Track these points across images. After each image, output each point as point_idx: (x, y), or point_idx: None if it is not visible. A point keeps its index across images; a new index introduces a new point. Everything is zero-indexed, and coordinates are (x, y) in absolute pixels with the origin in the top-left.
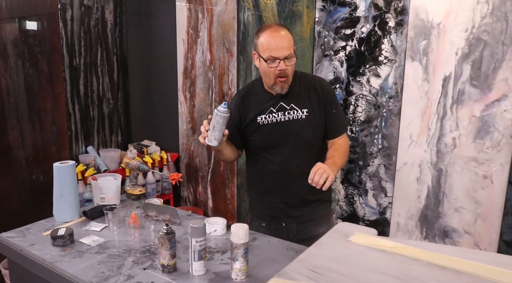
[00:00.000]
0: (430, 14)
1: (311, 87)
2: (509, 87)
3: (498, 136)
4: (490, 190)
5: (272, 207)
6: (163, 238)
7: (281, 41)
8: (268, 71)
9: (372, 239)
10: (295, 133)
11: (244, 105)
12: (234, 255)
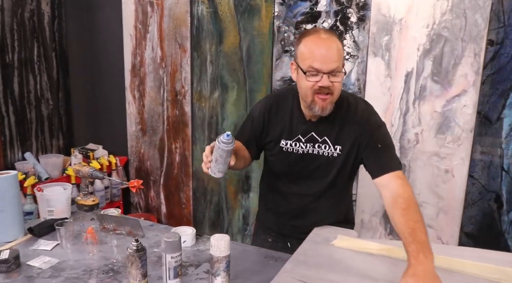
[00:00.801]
0: (392, 9)
1: (353, 118)
2: (468, 82)
3: (458, 130)
4: (451, 184)
5: (280, 226)
6: (133, 256)
7: (328, 51)
8: (306, 86)
9: (355, 242)
10: (321, 171)
11: (270, 117)
12: (215, 270)
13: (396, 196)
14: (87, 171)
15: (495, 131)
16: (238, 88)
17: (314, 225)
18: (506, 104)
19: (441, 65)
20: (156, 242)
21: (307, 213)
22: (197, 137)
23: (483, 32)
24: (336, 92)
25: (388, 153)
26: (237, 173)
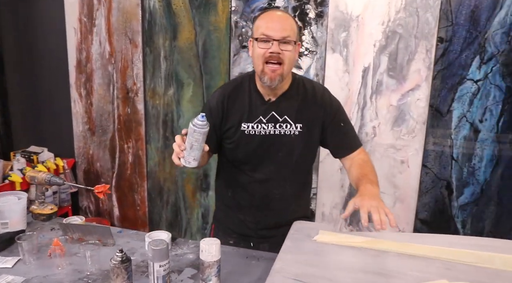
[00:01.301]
0: (349, 6)
1: (312, 98)
2: (421, 77)
3: (413, 123)
4: (406, 174)
5: (241, 225)
6: (118, 268)
7: (277, 20)
8: (258, 54)
9: (337, 237)
10: (284, 151)
11: (229, 104)
12: (207, 276)
13: (357, 159)
14: (44, 177)
15: (446, 123)
16: (194, 85)
17: (277, 217)
18: (455, 97)
19: (396, 60)
20: (129, 249)
21: (271, 203)
22: (151, 135)
23: (434, 30)
24: (287, 62)
25: (351, 131)
26: (195, 172)
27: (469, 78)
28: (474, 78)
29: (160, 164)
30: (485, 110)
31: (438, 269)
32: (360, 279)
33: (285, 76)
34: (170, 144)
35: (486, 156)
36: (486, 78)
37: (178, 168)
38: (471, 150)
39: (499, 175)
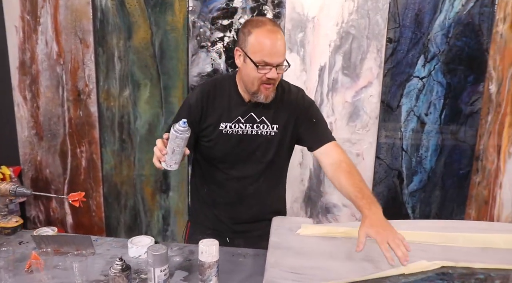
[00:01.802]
0: (306, 8)
1: (287, 99)
2: (373, 75)
3: (366, 118)
4: (362, 165)
5: (217, 222)
6: (120, 276)
7: (278, 46)
8: (254, 77)
9: (319, 229)
10: (260, 150)
11: (208, 103)
12: (207, 276)
13: (339, 161)
14: (9, 189)
15: (396, 117)
16: (152, 85)
17: (252, 213)
18: (404, 93)
19: (350, 60)
20: (112, 257)
21: (246, 200)
22: (106, 139)
23: (383, 31)
24: (278, 81)
25: (324, 126)
26: (154, 173)
27: (415, 75)
28: (420, 75)
29: (116, 168)
30: (430, 104)
31: (415, 251)
32: (350, 266)
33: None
34: (127, 147)
35: (431, 146)
36: (429, 75)
37: (135, 170)
38: (419, 141)
39: (442, 163)
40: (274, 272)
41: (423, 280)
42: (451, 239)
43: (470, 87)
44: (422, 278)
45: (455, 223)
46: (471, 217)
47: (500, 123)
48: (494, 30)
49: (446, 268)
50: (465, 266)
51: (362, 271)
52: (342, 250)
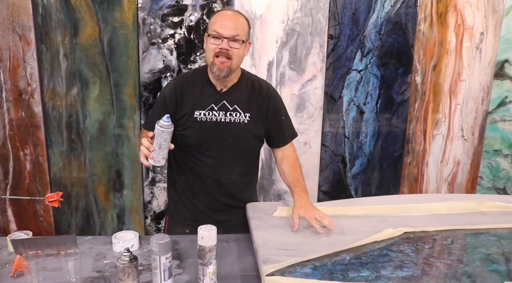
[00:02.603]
0: (253, 6)
1: (257, 90)
2: (317, 69)
3: (312, 109)
4: (309, 153)
5: (195, 211)
6: (129, 267)
7: (229, 20)
8: (209, 48)
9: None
10: (234, 137)
11: (182, 94)
12: (207, 260)
13: (287, 156)
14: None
15: (338, 107)
16: (101, 83)
17: (228, 201)
18: (344, 85)
19: (296, 55)
20: (98, 254)
21: (222, 187)
22: (53, 140)
23: (325, 28)
24: (235, 58)
25: (290, 124)
26: (106, 172)
27: (354, 68)
28: (358, 68)
29: (65, 169)
30: (367, 95)
31: (378, 222)
32: (328, 239)
33: (233, 70)
34: (76, 147)
35: (369, 132)
36: (366, 69)
37: (87, 171)
38: (358, 128)
39: (379, 147)
40: (266, 251)
41: (392, 244)
42: (405, 210)
43: (400, 78)
44: (391, 243)
45: (404, 197)
46: (404, 193)
47: (425, 110)
48: (417, 29)
49: (408, 233)
50: (422, 230)
51: (342, 242)
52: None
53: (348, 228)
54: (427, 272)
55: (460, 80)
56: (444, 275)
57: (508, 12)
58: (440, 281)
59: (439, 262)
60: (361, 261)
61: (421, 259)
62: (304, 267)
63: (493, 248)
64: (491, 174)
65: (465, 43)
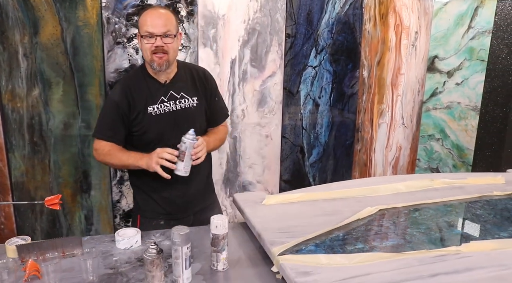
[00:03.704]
0: (216, 6)
1: (196, 75)
2: (276, 66)
3: (272, 103)
4: (271, 145)
5: (168, 203)
6: (158, 259)
7: (157, 18)
8: (145, 48)
9: (280, 198)
10: (188, 122)
11: (132, 94)
12: (221, 247)
13: (215, 128)
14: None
15: (296, 101)
16: (65, 83)
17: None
18: (301, 80)
19: (257, 53)
20: (104, 252)
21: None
22: (14, 143)
23: (283, 28)
24: (171, 51)
25: (223, 104)
26: (72, 174)
27: (309, 65)
28: (313, 65)
29: (28, 173)
30: (322, 89)
31: (355, 203)
32: (320, 219)
33: (172, 62)
34: (40, 150)
35: (324, 123)
36: (320, 65)
37: (51, 174)
38: (315, 120)
39: (333, 136)
40: (268, 235)
41: (373, 220)
42: (374, 190)
43: (349, 73)
44: (371, 219)
45: (369, 180)
46: (356, 178)
47: (371, 101)
48: (363, 28)
49: (382, 210)
50: (393, 207)
51: (332, 222)
52: (307, 210)
53: (332, 210)
54: (408, 240)
55: (400, 74)
56: (422, 241)
57: (436, 14)
58: (420, 246)
59: (415, 231)
60: (353, 236)
61: (399, 230)
62: (308, 245)
63: (452, 216)
64: (426, 156)
65: (403, 41)
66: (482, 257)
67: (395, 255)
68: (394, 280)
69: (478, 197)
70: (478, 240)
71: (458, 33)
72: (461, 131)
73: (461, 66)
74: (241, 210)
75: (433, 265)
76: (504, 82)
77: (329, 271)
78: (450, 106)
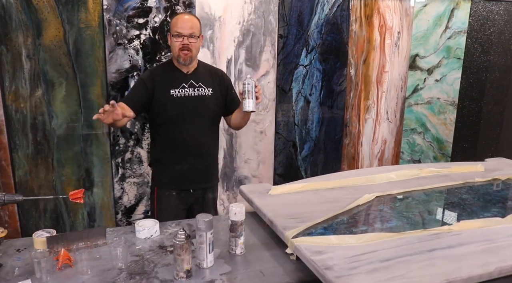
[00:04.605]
0: (212, 8)
1: (214, 73)
2: (269, 65)
3: (266, 101)
4: (265, 141)
5: (180, 176)
6: (187, 243)
7: (186, 21)
8: (174, 45)
9: (285, 188)
10: (203, 106)
11: (157, 77)
12: (239, 232)
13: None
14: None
15: (288, 98)
16: (67, 84)
17: (206, 161)
18: (293, 79)
19: (251, 53)
20: (127, 241)
21: (199, 148)
22: (17, 143)
23: (275, 29)
24: (194, 50)
25: (238, 97)
26: (75, 172)
27: (301, 64)
28: (304, 64)
29: (32, 172)
30: (312, 87)
31: (353, 191)
32: (323, 206)
33: (194, 57)
34: (43, 149)
35: (315, 119)
36: (311, 64)
37: (55, 172)
38: (306, 116)
39: (323, 131)
40: (280, 221)
41: (371, 206)
42: (369, 180)
43: (338, 71)
44: (370, 205)
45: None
46: (344, 170)
47: (358, 97)
48: (350, 29)
49: (379, 197)
50: (388, 194)
51: (335, 208)
52: (311, 198)
53: (333, 198)
54: (405, 222)
55: (384, 71)
56: (417, 222)
57: (417, 15)
58: (416, 227)
59: (410, 214)
60: (356, 220)
61: (397, 213)
62: (317, 229)
63: (441, 200)
64: (409, 149)
65: (387, 41)
66: (471, 234)
67: (396, 234)
68: (398, 255)
69: (462, 183)
70: (466, 220)
71: (436, 33)
72: (440, 125)
73: (440, 64)
74: (250, 200)
75: (430, 242)
76: (479, 78)
77: (340, 250)
78: (430, 101)
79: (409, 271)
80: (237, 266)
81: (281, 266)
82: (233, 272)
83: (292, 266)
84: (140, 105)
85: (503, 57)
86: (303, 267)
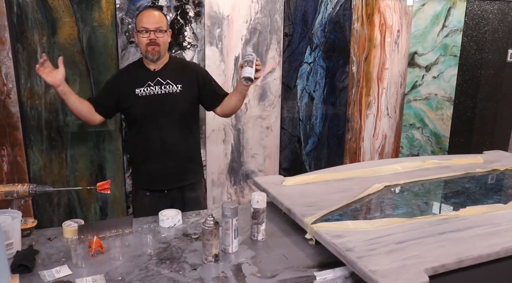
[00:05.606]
0: (221, 7)
1: (185, 67)
2: (275, 62)
3: (272, 97)
4: (271, 136)
5: (153, 176)
6: (216, 229)
7: (152, 16)
8: (141, 41)
9: (298, 179)
10: (170, 104)
11: (123, 78)
12: (261, 219)
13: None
14: (27, 190)
15: (293, 95)
16: (81, 81)
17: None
18: (298, 76)
19: (258, 50)
20: (151, 230)
21: (169, 147)
22: (32, 139)
23: (281, 27)
24: (162, 44)
25: (220, 87)
26: (88, 167)
27: (305, 61)
28: (308, 61)
29: (46, 167)
30: (316, 83)
31: (362, 181)
32: (336, 196)
33: (163, 53)
34: (57, 145)
35: (319, 115)
36: (314, 61)
37: (68, 167)
38: (310, 112)
39: (327, 127)
40: (297, 208)
41: (381, 195)
42: (376, 171)
43: (340, 69)
44: (380, 194)
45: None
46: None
47: (360, 94)
48: (352, 27)
49: (387, 186)
50: (396, 183)
51: (347, 197)
52: (323, 188)
53: (344, 188)
54: (414, 209)
55: (384, 68)
56: (426, 208)
57: (415, 14)
58: (425, 213)
59: (419, 202)
60: (369, 207)
61: (405, 201)
62: (333, 216)
63: (446, 189)
64: (408, 144)
65: (387, 39)
66: (477, 219)
67: (408, 219)
68: (412, 238)
69: (464, 174)
70: (471, 206)
71: (434, 31)
72: (438, 120)
73: (437, 61)
74: (266, 190)
75: (439, 226)
76: (474, 75)
77: (357, 234)
78: (428, 97)
79: (423, 251)
80: (260, 251)
81: (301, 250)
82: (257, 256)
83: (312, 250)
84: (104, 108)
85: (497, 55)
86: (322, 251)
